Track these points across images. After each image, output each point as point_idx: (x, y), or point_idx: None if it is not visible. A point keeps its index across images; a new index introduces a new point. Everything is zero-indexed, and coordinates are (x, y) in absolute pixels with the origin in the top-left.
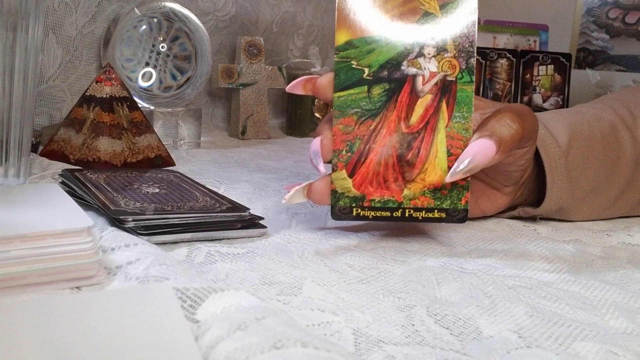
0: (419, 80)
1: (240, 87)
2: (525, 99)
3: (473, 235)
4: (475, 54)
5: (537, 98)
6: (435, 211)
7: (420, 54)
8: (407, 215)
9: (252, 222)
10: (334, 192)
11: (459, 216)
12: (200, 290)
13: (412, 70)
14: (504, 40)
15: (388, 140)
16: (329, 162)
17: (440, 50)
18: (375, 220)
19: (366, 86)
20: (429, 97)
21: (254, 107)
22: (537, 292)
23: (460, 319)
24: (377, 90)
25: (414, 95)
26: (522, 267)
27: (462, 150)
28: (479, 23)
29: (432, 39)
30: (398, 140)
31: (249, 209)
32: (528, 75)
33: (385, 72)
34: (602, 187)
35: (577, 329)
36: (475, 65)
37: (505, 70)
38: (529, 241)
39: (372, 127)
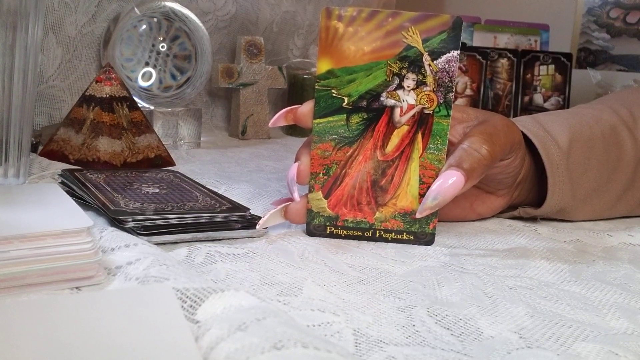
0: (397, 111)
1: (240, 87)
2: (526, 98)
3: (474, 235)
4: (454, 89)
5: (538, 98)
6: (404, 234)
7: (400, 87)
8: (377, 235)
9: (253, 223)
10: (309, 211)
11: (426, 239)
12: (200, 290)
13: (391, 102)
14: (504, 40)
15: (363, 166)
16: (307, 184)
17: (420, 83)
18: (347, 238)
19: (345, 114)
20: (406, 128)
21: (254, 107)
22: (538, 292)
23: (460, 319)
24: (355, 119)
25: (391, 126)
26: (523, 268)
27: (434, 180)
28: (479, 23)
29: (412, 72)
30: (373, 166)
31: (249, 209)
32: (529, 75)
33: (364, 102)
34: (603, 188)
35: (578, 330)
36: (452, 99)
37: (506, 70)
38: (530, 241)
39: (348, 153)
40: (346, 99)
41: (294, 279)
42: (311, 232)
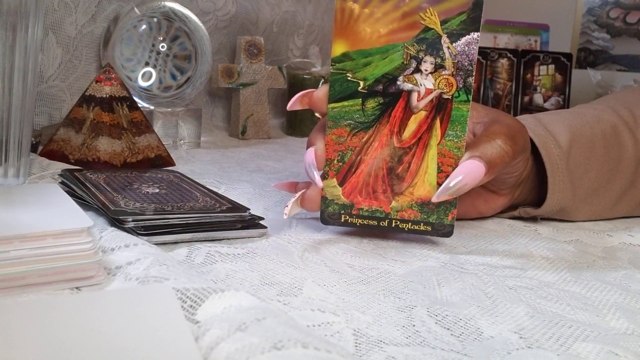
0: (414, 96)
1: (240, 87)
2: (526, 98)
3: (474, 235)
4: (473, 73)
5: (538, 98)
6: (422, 224)
7: (417, 70)
8: (393, 225)
9: (252, 222)
10: (324, 199)
11: (445, 230)
12: (200, 290)
13: (408, 86)
14: (504, 40)
15: (379, 153)
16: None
17: (438, 67)
18: (362, 227)
19: (360, 99)
20: (423, 113)
21: (254, 107)
22: (538, 292)
23: (461, 319)
24: (371, 104)
25: (408, 111)
26: (523, 268)
27: (453, 168)
28: None
29: (430, 55)
30: (389, 153)
31: (249, 209)
32: (529, 75)
33: (381, 86)
34: (603, 188)
35: (578, 330)
36: (473, 84)
37: (506, 70)
38: (530, 241)
39: (364, 139)
40: (362, 83)
41: (294, 279)
42: (325, 220)
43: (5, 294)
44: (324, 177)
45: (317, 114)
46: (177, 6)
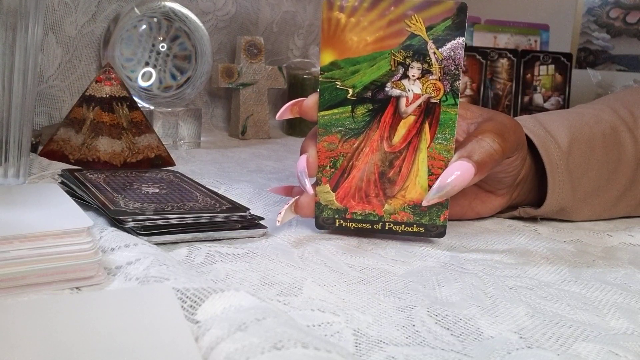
0: (403, 101)
1: (240, 87)
2: (526, 98)
3: (474, 235)
4: (460, 77)
5: (538, 98)
6: (415, 226)
7: (405, 76)
8: (387, 228)
9: (252, 222)
10: (318, 204)
11: (437, 231)
12: (200, 290)
13: (396, 92)
14: (504, 40)
15: (370, 158)
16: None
17: (425, 72)
18: (357, 230)
19: (350, 106)
20: (412, 118)
21: (254, 107)
22: (538, 292)
23: (461, 319)
24: (360, 110)
25: (397, 116)
26: (523, 268)
27: (443, 170)
28: (479, 23)
29: (417, 61)
30: (380, 158)
31: (249, 209)
32: (529, 75)
33: (369, 93)
34: (603, 188)
35: (578, 330)
36: (460, 88)
37: (506, 70)
38: (530, 241)
39: (355, 145)
40: (351, 90)
41: (294, 279)
42: (320, 225)
43: (5, 294)
44: (317, 183)
45: None
46: (177, 6)
